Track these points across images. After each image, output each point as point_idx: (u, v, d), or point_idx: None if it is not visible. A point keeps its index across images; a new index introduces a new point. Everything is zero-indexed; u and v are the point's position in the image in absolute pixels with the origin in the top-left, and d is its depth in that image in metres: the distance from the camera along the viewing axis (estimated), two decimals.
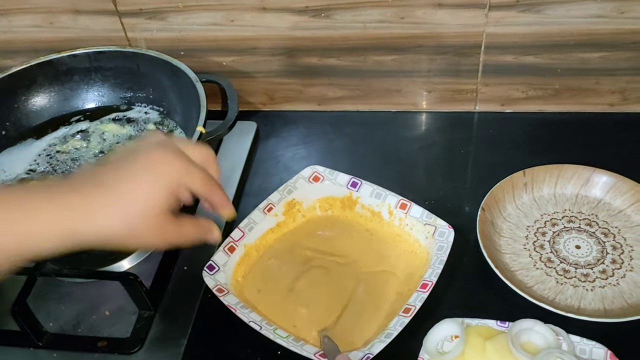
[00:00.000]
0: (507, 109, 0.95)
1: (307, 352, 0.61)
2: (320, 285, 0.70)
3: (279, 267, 0.73)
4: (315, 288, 0.70)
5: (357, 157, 0.91)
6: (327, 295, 0.69)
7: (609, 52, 0.86)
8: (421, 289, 0.66)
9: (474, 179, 0.86)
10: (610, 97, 0.91)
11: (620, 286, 0.70)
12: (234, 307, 0.66)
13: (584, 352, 0.62)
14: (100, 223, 0.42)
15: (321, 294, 0.69)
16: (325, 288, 0.70)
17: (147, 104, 0.89)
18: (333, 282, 0.70)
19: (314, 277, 0.71)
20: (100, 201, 0.42)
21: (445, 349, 0.63)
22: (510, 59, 0.88)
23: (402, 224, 0.75)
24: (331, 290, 0.69)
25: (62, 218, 0.41)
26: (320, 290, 0.69)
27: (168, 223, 0.45)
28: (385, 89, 0.95)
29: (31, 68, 0.87)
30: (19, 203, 0.41)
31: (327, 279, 0.71)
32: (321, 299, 0.69)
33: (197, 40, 0.92)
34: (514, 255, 0.74)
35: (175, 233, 0.47)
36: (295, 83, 0.97)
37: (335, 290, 0.70)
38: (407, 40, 0.88)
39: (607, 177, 0.79)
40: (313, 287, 0.70)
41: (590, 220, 0.77)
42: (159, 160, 0.44)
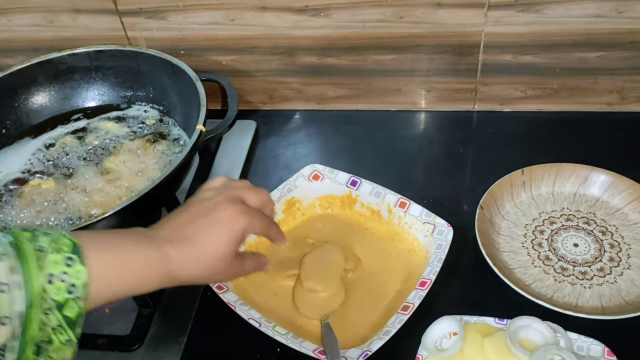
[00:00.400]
0: (505, 108, 0.95)
1: (305, 349, 0.62)
2: (325, 265, 0.71)
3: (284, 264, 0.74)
4: (321, 267, 0.71)
5: (357, 156, 0.91)
6: (331, 277, 0.70)
7: (607, 51, 0.86)
8: (420, 286, 0.66)
9: (472, 178, 0.86)
10: (609, 97, 0.92)
11: (617, 284, 0.70)
12: (233, 304, 0.66)
13: (581, 349, 0.62)
14: (192, 272, 0.53)
15: (326, 273, 0.70)
16: (329, 269, 0.71)
17: (147, 102, 0.90)
18: (334, 266, 0.71)
19: (318, 257, 0.72)
20: (192, 255, 0.52)
21: (443, 346, 0.64)
22: (509, 58, 0.89)
23: (402, 222, 0.75)
24: (333, 274, 0.71)
25: (163, 266, 0.51)
26: (325, 270, 0.71)
27: (236, 262, 0.56)
28: (385, 88, 0.96)
29: (31, 67, 0.87)
30: (131, 251, 0.50)
31: (329, 258, 0.72)
32: (327, 277, 0.70)
33: (197, 39, 0.93)
34: (512, 253, 0.74)
35: (240, 269, 0.58)
36: (294, 82, 0.97)
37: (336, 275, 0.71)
38: (406, 40, 0.89)
39: (605, 176, 0.79)
40: (318, 265, 0.71)
41: (588, 219, 0.77)
42: (229, 217, 0.54)
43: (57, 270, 0.43)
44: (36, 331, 0.42)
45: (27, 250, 0.43)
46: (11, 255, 0.42)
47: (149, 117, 0.88)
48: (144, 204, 0.67)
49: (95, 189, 0.77)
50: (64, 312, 0.43)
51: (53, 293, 0.43)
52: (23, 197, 0.78)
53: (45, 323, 0.42)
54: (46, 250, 0.44)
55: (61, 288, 0.43)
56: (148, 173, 0.79)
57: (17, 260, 0.42)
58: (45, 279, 0.43)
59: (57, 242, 0.45)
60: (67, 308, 0.43)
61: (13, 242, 0.43)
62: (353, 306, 0.69)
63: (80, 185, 0.78)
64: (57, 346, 0.44)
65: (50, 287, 0.43)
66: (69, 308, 0.43)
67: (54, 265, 0.43)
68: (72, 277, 0.44)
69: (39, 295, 0.42)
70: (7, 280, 0.41)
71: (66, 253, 0.44)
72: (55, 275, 0.43)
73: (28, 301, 0.41)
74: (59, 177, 0.80)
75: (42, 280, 0.42)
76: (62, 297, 0.43)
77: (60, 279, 0.43)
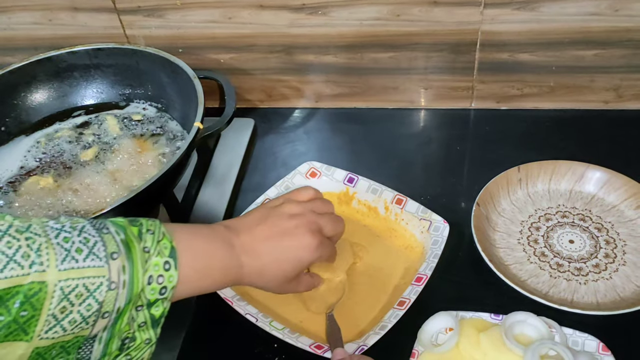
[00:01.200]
0: (502, 106, 0.96)
1: (302, 344, 0.62)
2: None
3: None
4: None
5: (354, 153, 0.91)
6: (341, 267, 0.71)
7: (603, 49, 0.87)
8: (416, 282, 0.67)
9: (469, 175, 0.86)
10: (605, 95, 0.92)
11: (613, 280, 0.70)
12: (230, 299, 0.66)
13: (576, 344, 0.63)
14: (253, 282, 0.58)
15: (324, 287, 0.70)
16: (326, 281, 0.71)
17: (145, 100, 0.90)
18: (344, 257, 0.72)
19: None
20: (258, 270, 0.57)
21: (439, 341, 0.64)
22: (505, 56, 0.89)
23: (398, 219, 0.76)
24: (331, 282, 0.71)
25: (236, 274, 0.55)
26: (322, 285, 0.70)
27: (292, 283, 0.60)
28: (382, 86, 0.96)
29: (31, 64, 0.87)
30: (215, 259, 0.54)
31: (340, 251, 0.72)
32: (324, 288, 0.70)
33: (195, 37, 0.93)
34: (508, 249, 0.75)
35: (293, 288, 0.62)
36: (292, 80, 0.97)
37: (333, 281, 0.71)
38: (403, 38, 0.89)
39: (601, 173, 0.79)
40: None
41: (584, 216, 0.78)
42: (303, 248, 0.58)
43: (156, 273, 0.46)
44: (124, 325, 0.44)
45: (136, 251, 0.45)
46: (122, 254, 0.44)
47: (148, 115, 0.88)
48: (142, 201, 0.68)
49: (93, 186, 0.78)
50: (152, 310, 0.46)
51: (148, 293, 0.45)
52: (21, 194, 0.78)
53: (133, 318, 0.45)
54: (150, 252, 0.46)
55: (155, 289, 0.46)
56: (146, 170, 0.79)
57: (127, 261, 0.44)
58: (146, 280, 0.45)
59: (159, 243, 0.47)
60: (154, 307, 0.46)
61: (124, 241, 0.45)
62: (352, 302, 0.69)
63: (78, 183, 0.78)
64: (139, 344, 0.46)
65: (147, 287, 0.45)
66: (156, 307, 0.46)
67: (154, 267, 0.46)
68: (166, 280, 0.46)
69: (138, 294, 0.44)
70: (117, 279, 0.43)
71: (165, 257, 0.46)
72: (154, 277, 0.45)
73: (129, 299, 0.44)
74: (56, 174, 0.80)
75: (143, 281, 0.45)
76: (154, 297, 0.46)
77: (156, 281, 0.46)
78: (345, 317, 0.67)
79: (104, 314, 0.42)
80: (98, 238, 0.43)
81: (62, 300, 0.40)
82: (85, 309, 0.41)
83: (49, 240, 0.41)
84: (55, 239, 0.41)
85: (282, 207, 0.60)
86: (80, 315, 0.41)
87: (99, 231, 0.44)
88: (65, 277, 0.40)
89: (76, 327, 0.41)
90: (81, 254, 0.42)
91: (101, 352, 0.44)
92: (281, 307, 0.69)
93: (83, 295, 0.41)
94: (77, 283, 0.40)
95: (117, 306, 0.43)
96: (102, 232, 0.44)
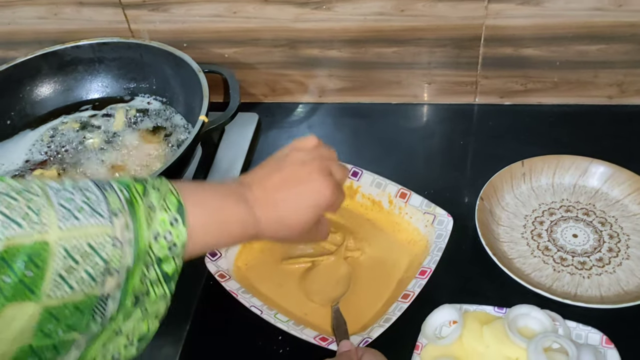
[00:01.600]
0: (506, 102, 0.96)
1: (306, 336, 0.62)
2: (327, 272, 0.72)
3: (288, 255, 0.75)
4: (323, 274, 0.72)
5: (358, 148, 0.92)
6: (331, 278, 0.72)
7: (607, 44, 0.87)
8: (420, 275, 0.67)
9: (473, 170, 0.87)
10: (609, 90, 0.92)
11: (616, 274, 0.70)
12: (235, 292, 0.67)
13: (580, 337, 0.63)
14: (274, 234, 0.55)
15: (328, 279, 0.71)
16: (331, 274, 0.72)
17: (150, 94, 0.90)
18: (336, 268, 0.73)
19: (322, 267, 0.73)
20: (278, 220, 0.54)
21: (443, 334, 0.64)
22: (509, 51, 0.89)
23: (402, 212, 0.76)
24: (335, 274, 0.72)
25: (253, 228, 0.53)
26: (327, 278, 0.72)
27: (313, 229, 0.57)
28: (386, 81, 0.96)
29: (36, 58, 0.88)
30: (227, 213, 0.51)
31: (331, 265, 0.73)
32: (329, 281, 0.71)
33: (200, 31, 0.93)
34: (511, 243, 0.75)
35: (315, 235, 0.60)
36: (296, 75, 0.98)
37: (338, 274, 0.72)
38: (407, 33, 0.89)
39: (605, 168, 0.80)
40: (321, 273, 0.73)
41: (588, 210, 0.78)
42: (318, 191, 0.55)
43: (163, 229, 0.45)
44: (137, 283, 0.43)
45: (140, 208, 0.44)
46: (126, 212, 0.43)
47: (152, 109, 0.88)
48: None
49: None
50: (163, 267, 0.45)
51: (156, 249, 0.44)
52: None
53: (145, 275, 0.44)
54: (155, 208, 0.45)
55: (164, 246, 0.44)
56: (151, 164, 0.80)
57: (131, 218, 0.43)
58: (152, 236, 0.44)
59: (165, 199, 0.46)
60: (165, 264, 0.45)
61: (128, 198, 0.44)
62: (356, 295, 0.69)
63: (82, 175, 0.79)
64: (153, 299, 0.45)
65: (155, 244, 0.44)
66: (167, 264, 0.45)
67: (161, 224, 0.45)
68: (174, 236, 0.45)
69: (144, 251, 0.43)
70: (121, 237, 0.42)
71: (172, 213, 0.45)
72: (161, 234, 0.44)
73: (135, 256, 0.43)
74: (61, 168, 0.81)
75: (149, 238, 0.44)
76: (163, 253, 0.45)
77: (164, 237, 0.45)
78: (349, 311, 0.67)
79: (111, 272, 0.42)
80: (101, 196, 0.43)
81: (66, 259, 0.39)
82: (91, 267, 0.41)
83: (49, 200, 0.41)
84: (55, 198, 0.41)
85: (290, 157, 0.58)
86: (87, 273, 0.40)
87: (101, 189, 0.43)
88: (68, 235, 0.40)
89: (84, 285, 0.40)
90: (83, 212, 0.41)
91: (116, 308, 0.43)
92: (285, 300, 0.70)
93: (88, 254, 0.40)
94: (80, 242, 0.40)
95: (125, 264, 0.42)
96: (105, 190, 0.44)
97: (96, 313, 0.42)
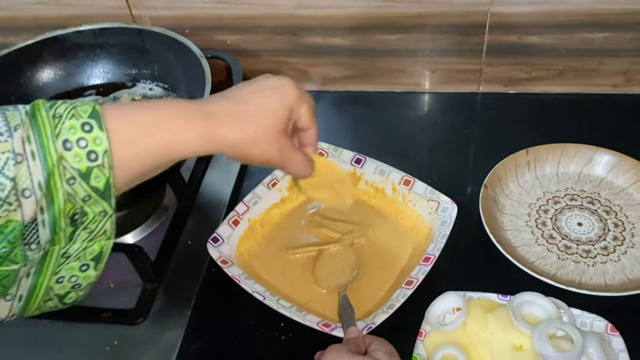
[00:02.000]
0: (510, 90, 0.95)
1: (309, 322, 0.62)
2: (335, 258, 0.72)
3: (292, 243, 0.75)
4: (331, 261, 0.72)
5: (361, 137, 0.91)
6: (339, 265, 0.71)
7: (612, 32, 0.86)
8: (424, 262, 0.67)
9: (476, 158, 0.86)
10: (614, 78, 0.91)
11: (621, 262, 0.70)
12: (237, 278, 0.66)
13: (584, 324, 0.63)
14: (237, 132, 0.48)
15: (336, 266, 0.71)
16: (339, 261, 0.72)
17: (152, 80, 0.89)
18: (344, 255, 0.72)
19: (330, 254, 0.73)
20: (237, 111, 0.49)
21: (446, 321, 0.64)
22: (514, 38, 0.88)
23: (406, 200, 0.75)
24: (344, 261, 0.71)
25: (204, 122, 0.47)
26: (335, 264, 0.71)
27: (286, 140, 0.52)
28: (389, 69, 0.96)
29: (37, 44, 0.86)
30: (171, 110, 0.46)
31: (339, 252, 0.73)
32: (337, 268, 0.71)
33: (202, 18, 0.92)
34: (515, 231, 0.74)
35: (290, 150, 0.53)
36: (298, 62, 0.97)
37: (346, 261, 0.71)
38: (410, 20, 0.88)
39: (610, 156, 0.79)
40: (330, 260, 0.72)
41: (593, 199, 0.77)
42: (282, 84, 0.52)
43: (74, 137, 0.41)
44: (63, 203, 0.41)
45: (43, 118, 0.41)
46: (27, 124, 0.41)
47: (154, 95, 0.87)
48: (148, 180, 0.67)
49: None
50: (91, 182, 0.42)
51: (72, 161, 0.41)
52: None
53: (72, 194, 0.41)
54: (63, 116, 0.42)
55: (80, 155, 0.41)
56: None
57: (32, 129, 0.41)
58: (61, 145, 0.41)
59: (76, 107, 0.43)
60: (92, 178, 0.42)
61: (29, 112, 0.42)
62: (360, 282, 0.69)
63: None
64: (93, 218, 0.43)
65: (68, 154, 0.41)
66: (95, 178, 0.42)
67: (69, 131, 0.41)
68: (90, 143, 0.42)
69: (56, 163, 0.41)
70: (23, 150, 0.40)
71: (83, 119, 0.42)
72: (72, 142, 0.41)
73: (46, 170, 0.40)
74: None
75: (58, 148, 0.41)
76: (83, 165, 0.41)
77: (78, 146, 0.41)
78: (353, 297, 0.66)
79: (23, 191, 0.40)
80: (0, 116, 0.41)
81: None
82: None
83: None
84: None
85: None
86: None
87: (1, 111, 0.41)
88: None
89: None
90: None
91: (49, 233, 0.42)
92: (288, 287, 0.70)
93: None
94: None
95: (37, 180, 0.40)
96: (5, 110, 0.42)
97: (30, 242, 0.41)
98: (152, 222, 0.80)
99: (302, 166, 0.55)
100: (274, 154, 0.52)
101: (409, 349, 0.62)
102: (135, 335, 0.67)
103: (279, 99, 0.51)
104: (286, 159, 0.53)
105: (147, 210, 0.81)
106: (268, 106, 0.50)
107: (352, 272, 0.70)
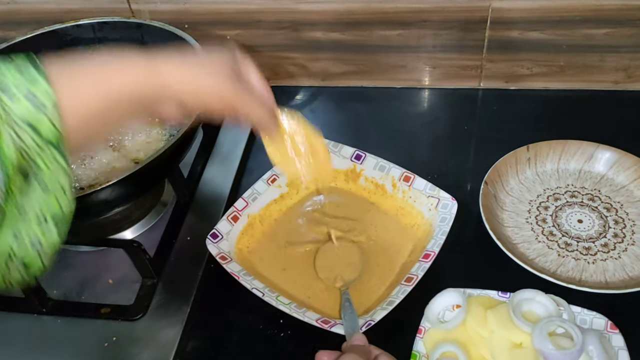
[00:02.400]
0: (511, 86, 0.95)
1: (309, 318, 0.62)
2: (339, 253, 0.72)
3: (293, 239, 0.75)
4: (335, 254, 0.72)
5: (361, 132, 0.91)
6: (342, 260, 0.71)
7: (613, 28, 0.85)
8: (423, 259, 0.66)
9: (477, 155, 0.86)
10: (615, 75, 0.91)
11: (621, 259, 0.70)
12: (237, 274, 0.66)
13: (584, 322, 0.62)
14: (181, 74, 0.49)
15: (339, 260, 0.71)
16: (343, 256, 0.71)
17: None
18: (348, 252, 0.72)
19: (334, 247, 0.73)
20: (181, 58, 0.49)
21: (446, 318, 0.64)
22: (515, 34, 0.88)
23: (406, 196, 0.75)
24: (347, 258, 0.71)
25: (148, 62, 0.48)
26: (338, 258, 0.71)
27: (239, 82, 0.51)
28: (390, 65, 0.95)
29: (35, 38, 0.86)
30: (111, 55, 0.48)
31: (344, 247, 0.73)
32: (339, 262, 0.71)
33: (201, 12, 0.92)
34: (516, 228, 0.74)
35: (245, 90, 0.52)
36: (299, 58, 0.96)
37: (349, 258, 0.71)
38: (412, 15, 0.88)
39: (611, 153, 0.79)
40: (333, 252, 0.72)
41: (593, 195, 0.77)
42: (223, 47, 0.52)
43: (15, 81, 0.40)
44: (14, 154, 0.40)
45: None
46: None
47: None
48: (147, 175, 0.67)
49: (99, 160, 0.77)
50: (41, 133, 0.41)
51: (18, 109, 0.40)
52: None
53: (22, 148, 0.40)
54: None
55: (26, 106, 0.40)
56: (152, 145, 0.79)
57: None
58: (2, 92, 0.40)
59: (11, 56, 0.41)
60: (41, 125, 0.40)
61: None
62: (360, 278, 0.69)
63: (84, 156, 0.78)
64: (48, 172, 0.42)
65: (11, 101, 0.40)
66: (45, 129, 0.41)
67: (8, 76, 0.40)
68: (28, 85, 0.40)
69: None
70: None
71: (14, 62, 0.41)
72: (11, 87, 0.40)
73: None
74: None
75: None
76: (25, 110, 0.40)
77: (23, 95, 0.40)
78: (353, 294, 0.66)
79: None
80: None
81: None
82: None
83: None
84: None
85: None
86: None
87: None
88: None
89: None
90: None
91: (3, 187, 0.39)
92: (287, 283, 0.69)
93: None
94: None
95: None
96: None
97: None
98: (151, 218, 0.80)
99: (261, 111, 0.54)
100: (228, 90, 0.50)
101: (408, 346, 0.61)
102: (134, 331, 0.67)
103: (219, 51, 0.52)
104: (243, 98, 0.51)
105: (146, 205, 0.81)
106: (211, 55, 0.51)
107: (355, 271, 0.69)
